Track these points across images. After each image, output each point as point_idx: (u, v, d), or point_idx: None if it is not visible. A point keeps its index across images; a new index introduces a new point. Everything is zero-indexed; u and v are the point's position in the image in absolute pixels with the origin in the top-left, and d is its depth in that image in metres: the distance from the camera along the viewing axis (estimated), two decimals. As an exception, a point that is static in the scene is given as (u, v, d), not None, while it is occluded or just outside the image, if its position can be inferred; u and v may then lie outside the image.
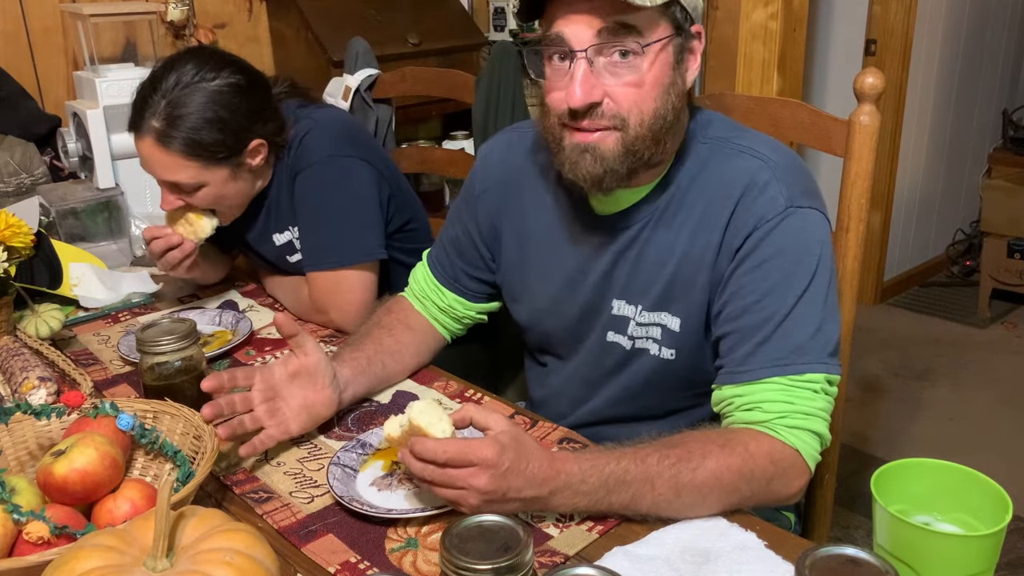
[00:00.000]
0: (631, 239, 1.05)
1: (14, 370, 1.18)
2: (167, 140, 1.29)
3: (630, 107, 0.93)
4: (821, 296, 0.96)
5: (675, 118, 0.96)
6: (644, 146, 0.95)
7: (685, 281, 1.02)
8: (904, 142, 3.38)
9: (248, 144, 1.36)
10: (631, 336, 1.07)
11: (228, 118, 1.31)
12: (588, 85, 0.92)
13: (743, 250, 0.97)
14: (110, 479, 0.86)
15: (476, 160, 1.25)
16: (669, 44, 0.94)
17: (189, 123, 1.28)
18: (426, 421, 0.86)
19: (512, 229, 1.17)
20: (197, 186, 1.35)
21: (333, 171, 1.40)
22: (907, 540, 0.76)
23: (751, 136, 1.03)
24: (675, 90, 0.95)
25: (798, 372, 0.93)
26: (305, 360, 1.04)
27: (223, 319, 1.46)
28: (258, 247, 1.55)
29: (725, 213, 0.98)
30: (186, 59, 1.33)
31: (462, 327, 1.29)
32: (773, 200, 0.96)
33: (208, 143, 1.30)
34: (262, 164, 1.41)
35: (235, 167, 1.36)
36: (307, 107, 1.49)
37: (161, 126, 1.29)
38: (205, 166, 1.33)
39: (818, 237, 0.97)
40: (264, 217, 1.51)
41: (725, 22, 2.69)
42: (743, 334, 0.96)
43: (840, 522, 2.19)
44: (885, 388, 2.91)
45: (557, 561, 0.84)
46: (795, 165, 1.00)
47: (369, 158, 1.45)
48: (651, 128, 0.94)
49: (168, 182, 1.35)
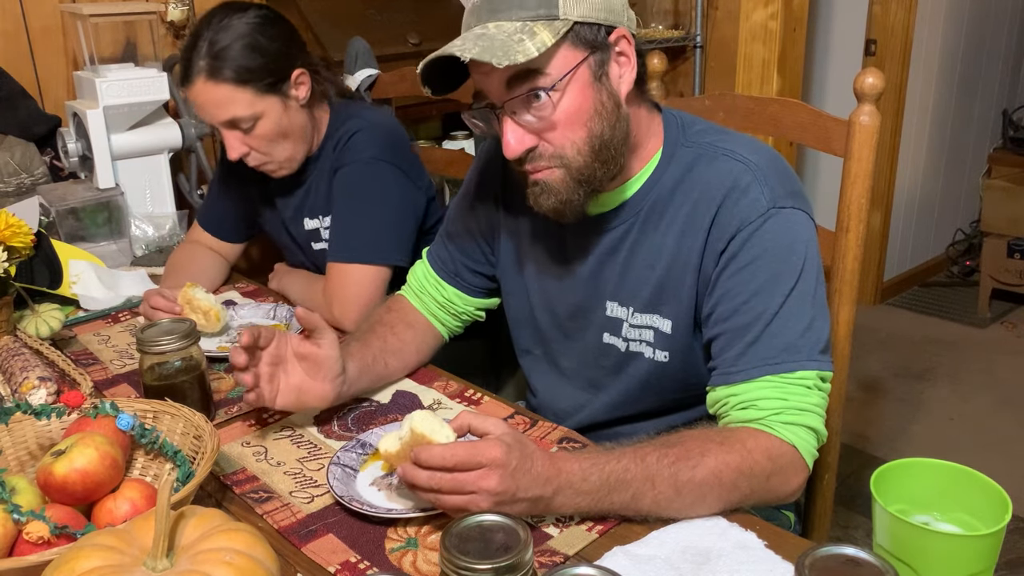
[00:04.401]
0: (618, 240, 1.06)
1: (14, 370, 1.18)
2: (215, 72, 1.36)
3: (563, 143, 0.95)
4: (809, 294, 0.96)
5: (615, 132, 0.96)
6: (592, 171, 0.96)
7: (674, 283, 1.03)
8: (904, 142, 3.39)
9: (291, 72, 1.42)
10: (625, 338, 1.08)
11: (267, 44, 1.39)
12: (517, 135, 0.95)
13: (727, 252, 0.98)
14: (110, 479, 0.86)
15: (475, 157, 1.26)
16: (582, 67, 0.93)
17: (232, 52, 1.36)
18: (429, 428, 0.85)
19: (509, 224, 1.19)
20: (254, 119, 1.39)
21: (372, 173, 1.46)
22: (907, 540, 0.76)
23: (734, 139, 1.04)
24: (605, 108, 0.95)
25: (790, 370, 0.94)
26: (317, 351, 1.06)
27: (278, 313, 1.50)
28: (291, 227, 1.61)
29: (708, 216, 0.99)
30: (214, 11, 1.42)
31: (460, 324, 1.30)
32: (755, 202, 0.97)
33: (254, 67, 1.37)
34: (310, 103, 1.46)
35: (284, 97, 1.42)
36: (355, 104, 1.59)
37: (207, 62, 1.36)
38: (256, 94, 1.38)
39: (803, 236, 0.97)
40: (303, 195, 1.56)
41: (725, 22, 2.70)
42: (733, 335, 0.97)
43: (840, 522, 2.19)
44: (885, 388, 2.91)
45: (557, 561, 0.84)
46: (777, 166, 1.01)
47: (408, 170, 1.50)
48: (592, 152, 0.95)
49: (227, 122, 1.40)
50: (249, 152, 1.43)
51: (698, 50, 2.75)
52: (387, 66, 2.12)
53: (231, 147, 1.42)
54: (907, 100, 3.31)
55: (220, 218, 1.69)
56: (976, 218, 3.81)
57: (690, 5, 2.75)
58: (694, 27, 2.74)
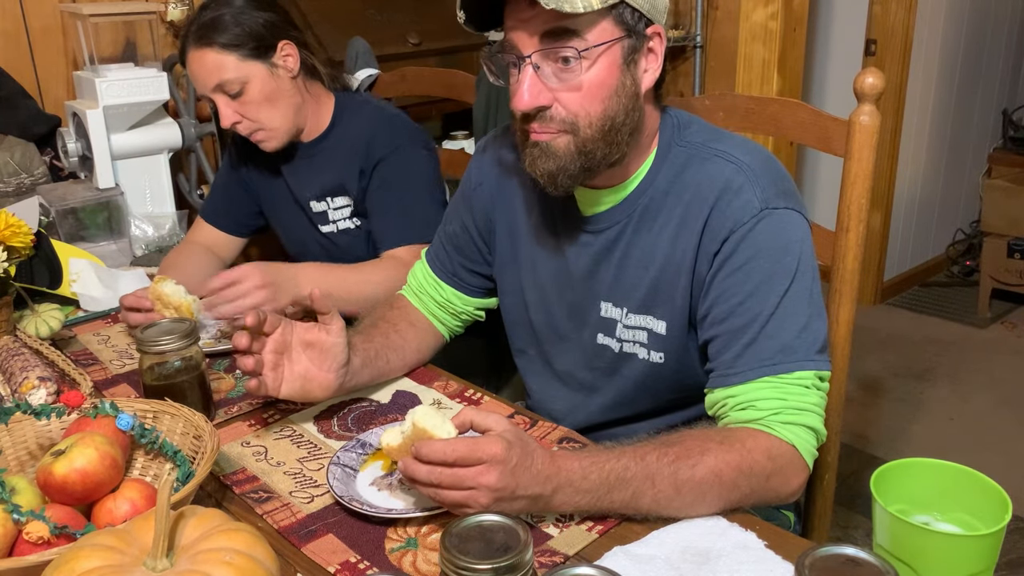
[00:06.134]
0: (612, 240, 1.07)
1: (14, 370, 1.18)
2: (203, 39, 1.45)
3: (577, 110, 0.95)
4: (805, 294, 0.96)
5: (628, 119, 0.97)
6: (596, 147, 0.97)
7: (667, 285, 1.03)
8: (904, 142, 3.39)
9: (277, 43, 1.49)
10: (619, 339, 1.09)
11: (254, 15, 1.48)
12: (535, 90, 0.95)
13: (721, 254, 0.98)
14: (110, 479, 0.86)
15: (472, 155, 1.27)
16: (616, 46, 0.94)
17: (221, 23, 1.46)
18: (431, 424, 0.86)
19: (505, 223, 1.19)
20: (241, 83, 1.46)
21: (410, 159, 1.56)
22: (907, 540, 0.76)
23: (727, 140, 1.04)
24: (626, 92, 0.96)
25: (787, 371, 0.94)
26: (325, 337, 1.06)
27: None
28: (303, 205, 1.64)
29: (701, 218, 0.99)
30: None
31: (460, 324, 1.30)
32: (748, 203, 0.97)
33: (239, 34, 1.46)
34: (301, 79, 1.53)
35: (270, 65, 1.49)
36: (360, 95, 1.67)
37: (197, 31, 1.47)
38: (241, 59, 1.46)
39: (796, 236, 0.98)
40: (312, 175, 1.60)
41: (725, 22, 2.70)
42: (730, 337, 0.97)
43: (840, 522, 2.19)
44: (885, 388, 2.91)
45: (557, 561, 0.84)
46: (769, 167, 1.01)
47: (432, 149, 1.62)
48: (601, 130, 0.96)
49: (216, 87, 1.47)
50: (240, 120, 1.49)
51: (698, 50, 2.75)
52: (387, 66, 2.12)
53: (223, 115, 1.49)
54: (907, 100, 3.31)
55: (224, 209, 1.71)
56: (976, 218, 3.81)
57: (690, 5, 2.75)
58: (694, 27, 2.74)
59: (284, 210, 1.67)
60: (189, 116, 2.04)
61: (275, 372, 1.05)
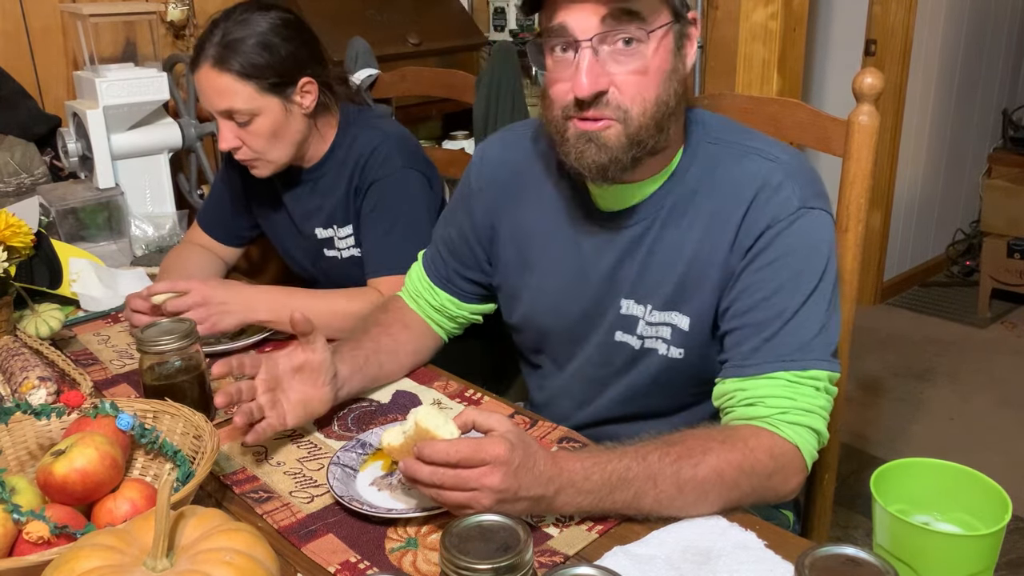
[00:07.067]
0: (637, 237, 1.05)
1: (14, 370, 1.18)
2: (222, 61, 1.37)
3: (634, 96, 0.94)
4: (827, 296, 0.97)
5: (676, 104, 0.97)
6: (648, 135, 0.96)
7: (695, 281, 1.02)
8: (904, 142, 3.39)
9: (299, 79, 1.42)
10: (640, 336, 1.08)
11: (279, 45, 1.40)
12: (594, 74, 0.92)
13: (755, 248, 0.98)
14: (110, 479, 0.86)
15: (472, 159, 1.25)
16: (670, 30, 0.95)
17: (244, 47, 1.37)
18: (433, 424, 0.85)
19: (509, 228, 1.17)
20: (251, 115, 1.40)
21: (403, 182, 1.48)
22: (907, 540, 0.76)
23: (760, 138, 1.04)
24: (677, 76, 0.97)
25: (803, 368, 0.94)
26: (312, 356, 1.05)
27: None
28: (303, 230, 1.59)
29: (738, 213, 0.99)
30: (240, 3, 1.43)
31: (458, 327, 1.29)
32: (787, 201, 0.97)
33: (260, 64, 1.38)
34: (313, 113, 1.46)
35: (287, 101, 1.42)
36: (363, 112, 1.57)
37: (217, 51, 1.37)
38: (258, 91, 1.38)
39: (827, 238, 0.99)
40: (314, 201, 1.55)
41: (725, 22, 2.69)
42: (751, 329, 0.97)
43: (840, 522, 2.19)
44: (885, 388, 2.91)
45: (557, 561, 0.84)
46: (805, 167, 1.01)
47: (431, 176, 1.54)
48: (654, 116, 0.95)
49: (224, 111, 1.40)
50: (240, 147, 1.43)
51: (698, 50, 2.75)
52: (387, 66, 2.12)
53: (224, 138, 1.42)
54: (907, 100, 3.31)
55: (220, 221, 1.68)
56: (976, 218, 3.81)
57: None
58: (694, 27, 2.74)
59: (282, 231, 1.64)
60: (189, 116, 2.04)
61: (275, 410, 1.03)
